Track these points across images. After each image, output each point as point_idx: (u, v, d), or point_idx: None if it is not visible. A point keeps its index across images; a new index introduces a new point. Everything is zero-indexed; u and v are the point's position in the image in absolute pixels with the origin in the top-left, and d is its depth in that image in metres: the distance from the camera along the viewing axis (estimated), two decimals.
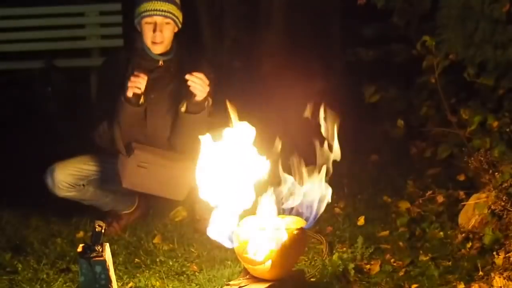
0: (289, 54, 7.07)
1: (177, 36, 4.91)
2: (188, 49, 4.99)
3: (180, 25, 4.88)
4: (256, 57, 7.35)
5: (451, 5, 5.17)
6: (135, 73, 4.65)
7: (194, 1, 7.81)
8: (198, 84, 4.60)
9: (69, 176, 4.80)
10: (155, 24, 4.77)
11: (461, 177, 5.03)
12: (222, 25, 7.71)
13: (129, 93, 4.63)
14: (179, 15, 4.86)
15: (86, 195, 4.90)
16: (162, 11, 4.77)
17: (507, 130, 4.72)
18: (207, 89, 4.64)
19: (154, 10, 4.76)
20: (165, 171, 4.71)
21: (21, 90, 7.29)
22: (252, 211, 3.88)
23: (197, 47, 7.29)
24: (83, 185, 4.85)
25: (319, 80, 6.58)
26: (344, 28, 7.33)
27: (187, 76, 4.61)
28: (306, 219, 3.90)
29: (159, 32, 4.77)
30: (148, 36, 4.79)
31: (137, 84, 4.62)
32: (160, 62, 4.87)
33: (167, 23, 4.79)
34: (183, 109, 4.71)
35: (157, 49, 4.82)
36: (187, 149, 4.63)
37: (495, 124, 4.89)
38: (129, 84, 4.62)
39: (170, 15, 4.79)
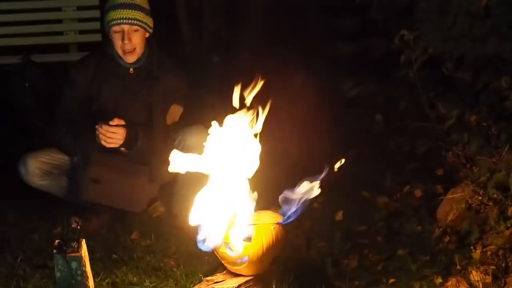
0: (268, 49, 7.05)
1: (148, 41, 4.89)
2: (159, 54, 4.95)
3: (150, 30, 4.86)
4: (235, 52, 7.33)
5: None
6: (110, 126, 4.64)
7: None
8: (105, 138, 4.63)
9: (41, 163, 4.82)
10: (123, 32, 4.76)
11: (439, 172, 5.04)
12: (201, 20, 7.68)
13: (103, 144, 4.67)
14: (148, 20, 4.84)
15: (61, 185, 4.88)
16: (129, 19, 4.75)
17: (485, 124, 4.72)
18: (119, 138, 4.65)
19: (120, 18, 4.75)
20: (118, 186, 4.75)
21: None
22: None
23: (175, 44, 7.27)
24: (58, 174, 4.85)
25: (298, 75, 6.57)
26: (322, 22, 7.31)
27: (97, 127, 4.63)
28: (284, 215, 3.88)
29: (128, 40, 4.76)
30: (118, 45, 4.79)
31: (113, 141, 4.64)
32: (131, 70, 4.85)
33: (135, 30, 4.78)
34: (122, 149, 4.72)
35: (129, 59, 4.81)
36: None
37: (473, 118, 4.89)
38: (102, 137, 4.64)
39: (137, 22, 4.76)
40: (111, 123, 4.61)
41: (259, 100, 3.91)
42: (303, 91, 6.47)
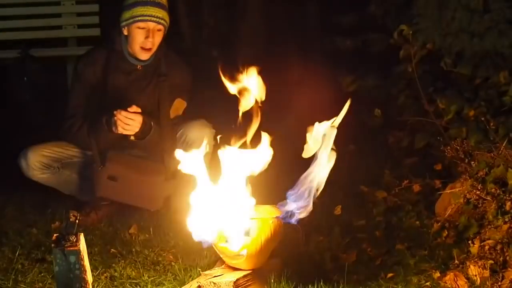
0: (266, 43, 7.06)
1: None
2: (166, 50, 4.95)
3: (166, 32, 4.88)
4: (234, 46, 7.33)
5: None
6: (128, 113, 4.65)
7: None
8: (122, 125, 4.64)
9: (42, 157, 4.82)
10: (148, 30, 4.74)
11: (438, 167, 5.03)
12: (200, 14, 7.68)
13: (118, 131, 4.67)
14: (168, 21, 4.84)
15: (61, 178, 4.88)
16: (157, 17, 4.74)
17: (483, 119, 4.73)
18: (136, 126, 4.67)
19: (149, 16, 4.72)
20: (135, 184, 4.76)
21: None
22: None
23: (174, 38, 7.27)
24: (58, 167, 4.85)
25: (296, 69, 6.57)
26: (321, 17, 7.32)
27: (116, 113, 4.64)
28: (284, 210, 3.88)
29: (152, 38, 4.74)
30: (138, 41, 4.76)
31: (129, 127, 4.64)
32: (139, 66, 4.86)
33: (159, 30, 4.77)
34: (132, 137, 4.72)
35: (145, 56, 4.81)
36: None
37: (472, 113, 4.90)
38: (119, 124, 4.64)
39: (163, 22, 4.77)
40: (129, 109, 4.62)
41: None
42: (302, 86, 6.48)
